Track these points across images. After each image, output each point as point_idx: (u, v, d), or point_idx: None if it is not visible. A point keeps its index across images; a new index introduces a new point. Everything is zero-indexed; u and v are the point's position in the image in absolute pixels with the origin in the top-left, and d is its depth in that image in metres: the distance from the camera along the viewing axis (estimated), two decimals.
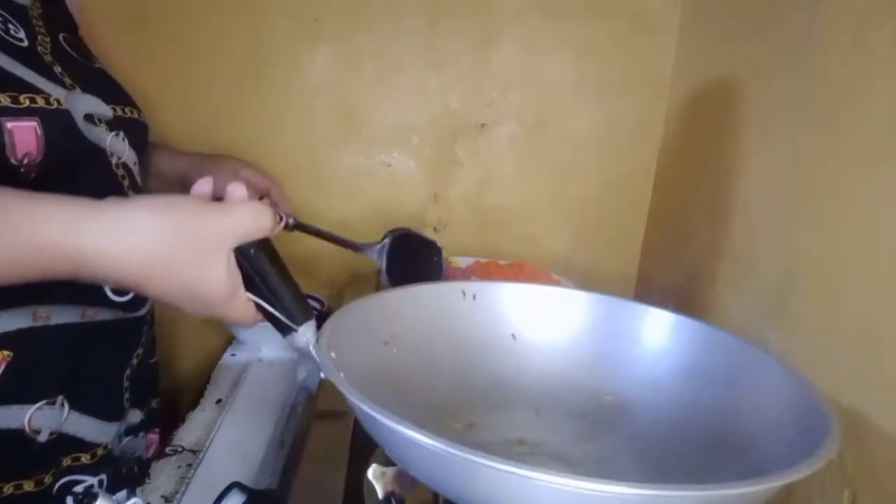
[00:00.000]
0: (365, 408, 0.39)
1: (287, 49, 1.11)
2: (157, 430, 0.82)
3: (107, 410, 0.69)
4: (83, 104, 0.62)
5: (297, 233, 0.88)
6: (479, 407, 0.57)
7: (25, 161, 0.54)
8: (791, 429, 0.47)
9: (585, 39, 1.12)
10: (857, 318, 0.65)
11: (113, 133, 0.66)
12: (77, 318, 0.63)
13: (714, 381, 0.58)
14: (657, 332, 0.63)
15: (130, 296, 0.68)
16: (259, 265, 0.49)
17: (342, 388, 0.42)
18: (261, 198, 0.85)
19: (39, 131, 0.55)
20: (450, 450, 0.35)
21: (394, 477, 0.52)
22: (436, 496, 0.52)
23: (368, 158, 1.16)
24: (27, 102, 0.55)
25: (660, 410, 0.59)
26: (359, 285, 1.09)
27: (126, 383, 0.71)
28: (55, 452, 0.63)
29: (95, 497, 0.45)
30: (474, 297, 0.61)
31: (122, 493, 0.47)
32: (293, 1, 1.09)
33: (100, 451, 0.68)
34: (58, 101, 0.59)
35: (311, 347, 0.49)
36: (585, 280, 1.06)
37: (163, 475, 0.73)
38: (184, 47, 1.09)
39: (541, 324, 0.65)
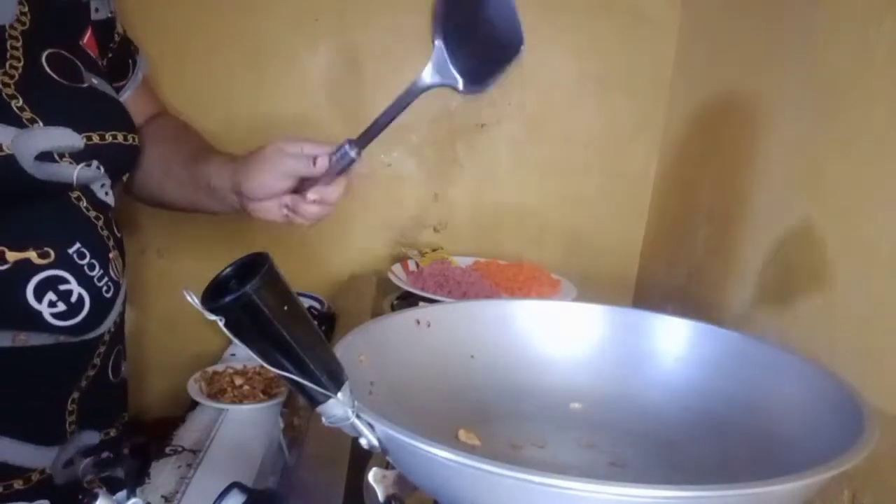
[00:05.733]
0: (462, 460, 0.37)
1: (287, 48, 1.11)
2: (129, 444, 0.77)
3: (43, 435, 0.65)
4: (38, 141, 0.59)
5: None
6: (473, 431, 0.56)
7: None
8: (820, 423, 0.47)
9: (585, 39, 1.12)
10: (857, 316, 0.65)
11: (82, 165, 0.63)
12: (7, 342, 0.61)
13: (714, 379, 0.58)
14: (623, 331, 0.63)
15: (77, 320, 0.64)
16: (286, 324, 0.38)
17: (410, 442, 0.39)
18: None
19: None
20: (516, 474, 0.35)
21: (395, 480, 0.51)
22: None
23: (368, 158, 1.16)
24: None
25: (650, 410, 0.59)
26: (359, 285, 1.09)
27: (71, 406, 0.67)
28: None
29: (96, 497, 0.44)
30: (429, 325, 0.61)
31: (122, 493, 0.47)
32: (293, 1, 1.09)
33: (35, 476, 0.65)
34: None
35: (352, 418, 0.41)
36: (585, 280, 1.06)
37: (163, 475, 0.73)
38: (183, 46, 1.09)
39: (493, 339, 0.64)
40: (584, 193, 1.19)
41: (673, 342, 0.61)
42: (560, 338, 0.64)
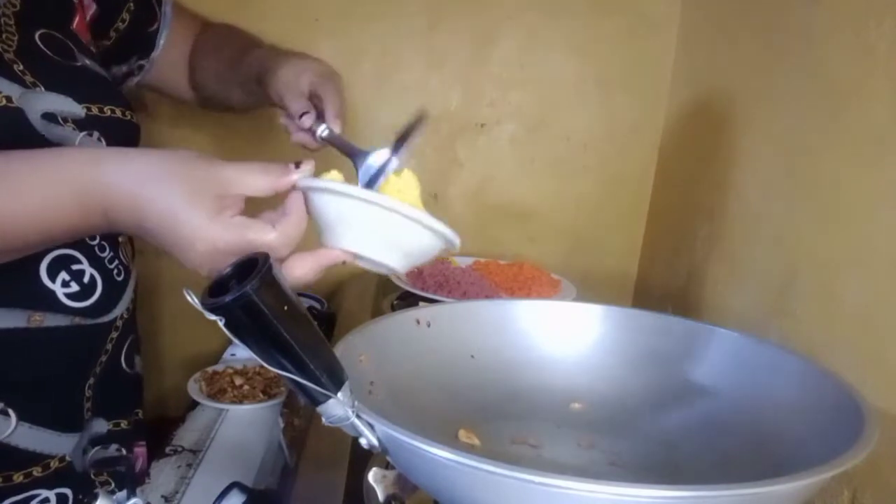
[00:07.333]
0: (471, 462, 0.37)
1: (287, 48, 1.10)
2: (142, 443, 0.78)
3: (61, 420, 0.65)
4: (43, 102, 0.61)
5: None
6: (473, 431, 0.56)
7: None
8: (820, 423, 0.47)
9: (585, 39, 1.12)
10: (857, 316, 0.65)
11: (84, 133, 0.64)
12: (22, 322, 0.60)
13: (714, 379, 0.58)
14: (613, 330, 0.63)
15: (91, 301, 0.64)
16: (286, 324, 0.39)
17: (410, 442, 0.39)
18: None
19: None
20: (519, 475, 0.35)
21: (395, 480, 0.52)
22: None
23: None
24: None
25: (650, 410, 0.58)
26: (359, 285, 1.09)
27: (88, 392, 0.67)
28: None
29: (96, 497, 0.44)
30: (429, 325, 0.61)
31: (122, 493, 0.46)
32: (293, 1, 1.09)
33: (54, 464, 0.64)
34: (8, 98, 0.58)
35: (353, 417, 0.42)
36: (585, 280, 1.06)
37: (163, 475, 0.73)
38: None
39: (493, 339, 0.64)
40: (584, 193, 1.19)
41: (672, 342, 0.61)
42: (560, 338, 0.64)
